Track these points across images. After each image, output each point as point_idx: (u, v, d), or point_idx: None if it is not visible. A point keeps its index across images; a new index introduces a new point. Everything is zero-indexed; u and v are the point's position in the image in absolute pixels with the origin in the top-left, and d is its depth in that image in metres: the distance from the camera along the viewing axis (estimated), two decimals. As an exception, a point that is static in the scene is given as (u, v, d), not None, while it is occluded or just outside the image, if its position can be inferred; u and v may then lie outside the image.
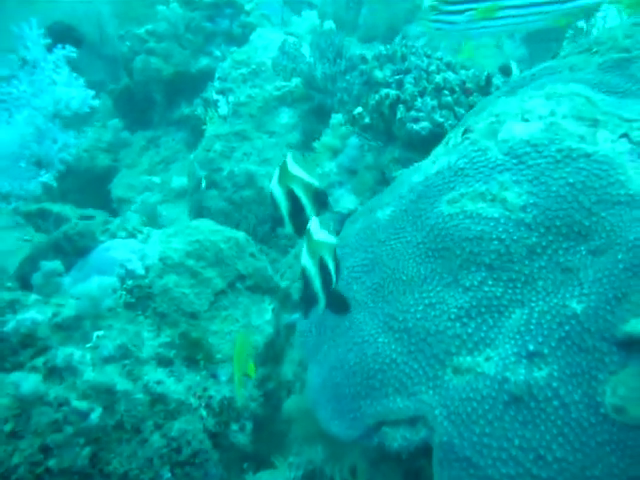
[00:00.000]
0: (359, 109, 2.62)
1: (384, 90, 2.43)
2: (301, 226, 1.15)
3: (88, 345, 1.58)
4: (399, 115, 2.35)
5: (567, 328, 1.15)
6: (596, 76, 1.68)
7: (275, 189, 1.10)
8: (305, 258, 1.06)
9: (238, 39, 3.96)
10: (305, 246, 1.08)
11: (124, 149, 4.08)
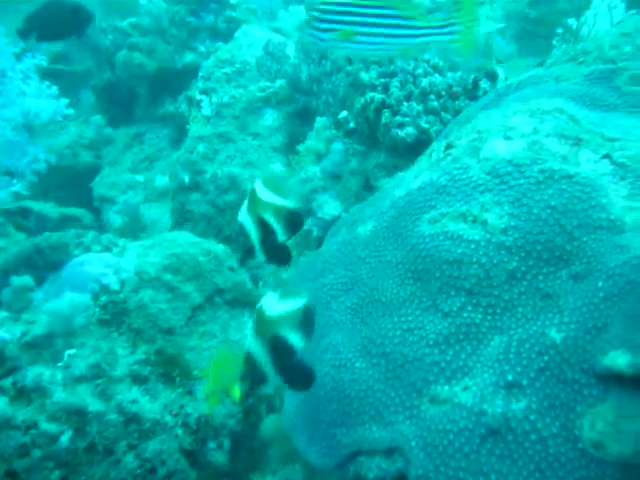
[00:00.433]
0: (344, 113, 2.57)
1: (369, 94, 2.38)
2: (273, 253, 1.12)
3: (59, 364, 1.54)
4: (384, 120, 2.31)
5: (546, 358, 1.12)
6: (582, 87, 1.65)
7: (244, 219, 1.06)
8: (251, 340, 0.98)
9: (223, 34, 3.88)
10: (253, 325, 1.00)
11: (107, 146, 4.00)
